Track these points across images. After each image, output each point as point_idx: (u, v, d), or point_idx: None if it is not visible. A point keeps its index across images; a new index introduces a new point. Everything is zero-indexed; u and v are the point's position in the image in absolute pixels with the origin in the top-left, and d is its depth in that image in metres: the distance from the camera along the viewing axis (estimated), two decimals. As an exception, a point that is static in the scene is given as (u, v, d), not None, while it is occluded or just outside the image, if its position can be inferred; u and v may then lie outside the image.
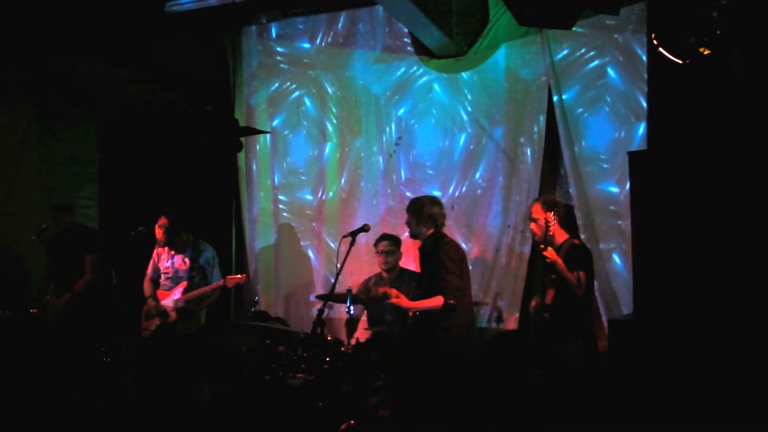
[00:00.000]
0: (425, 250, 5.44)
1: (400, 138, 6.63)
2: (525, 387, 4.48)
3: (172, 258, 6.45)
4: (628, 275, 5.49)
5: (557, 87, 5.93)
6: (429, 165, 6.53)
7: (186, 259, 6.39)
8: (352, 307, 5.57)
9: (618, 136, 5.77)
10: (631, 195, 4.51)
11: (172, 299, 6.30)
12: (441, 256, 5.27)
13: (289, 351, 5.32)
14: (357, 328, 5.89)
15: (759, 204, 3.70)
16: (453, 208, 6.34)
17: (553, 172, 6.15)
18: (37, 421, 5.15)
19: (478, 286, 6.06)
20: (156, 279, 6.53)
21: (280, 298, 7.13)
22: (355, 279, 6.50)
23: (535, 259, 5.62)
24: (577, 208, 5.83)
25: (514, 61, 6.17)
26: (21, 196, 7.34)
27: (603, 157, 5.82)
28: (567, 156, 5.88)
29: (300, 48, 7.08)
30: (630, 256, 5.11)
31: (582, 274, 5.09)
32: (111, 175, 7.91)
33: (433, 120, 6.51)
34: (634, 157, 4.22)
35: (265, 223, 7.24)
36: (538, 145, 6.03)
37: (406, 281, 5.91)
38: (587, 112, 5.88)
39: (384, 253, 6.04)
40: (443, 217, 5.48)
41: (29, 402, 5.32)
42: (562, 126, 5.91)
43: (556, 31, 5.83)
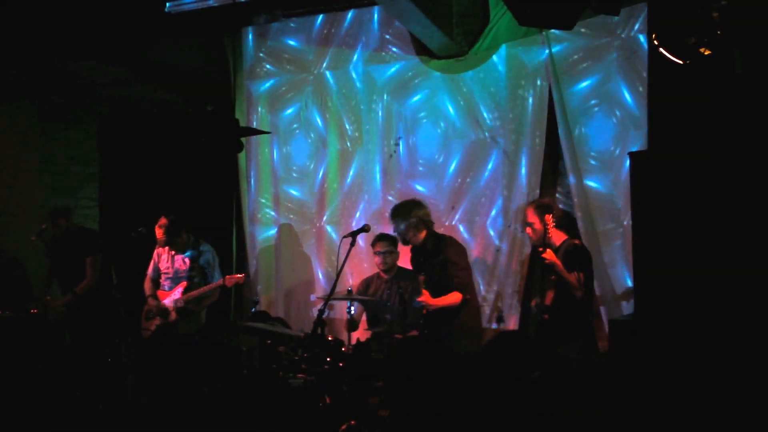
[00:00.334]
0: (426, 251, 5.45)
1: (399, 138, 6.63)
2: (525, 387, 4.48)
3: (172, 258, 6.45)
4: (629, 276, 5.49)
5: (558, 87, 5.92)
6: (429, 165, 6.52)
7: (186, 260, 6.39)
8: (352, 308, 5.57)
9: (618, 136, 5.77)
10: (631, 195, 4.52)
11: (171, 299, 6.31)
12: (450, 254, 5.34)
13: (290, 351, 5.32)
14: (357, 328, 5.89)
15: (759, 204, 3.71)
16: (453, 208, 6.35)
17: (553, 172, 6.15)
18: (37, 421, 5.15)
19: (477, 288, 6.06)
20: (156, 279, 6.53)
21: (281, 298, 7.12)
22: (355, 279, 6.50)
23: (536, 259, 5.62)
24: (577, 208, 5.83)
25: (515, 61, 6.16)
26: (21, 196, 7.33)
27: (603, 157, 5.82)
28: (567, 156, 5.88)
29: (300, 48, 7.07)
30: (630, 256, 5.12)
31: (581, 274, 5.10)
32: (111, 175, 7.90)
33: (433, 120, 6.50)
34: (634, 157, 4.22)
35: (265, 224, 7.24)
36: (539, 145, 6.03)
37: (405, 281, 5.91)
38: (588, 112, 5.88)
39: (382, 254, 6.03)
40: (429, 215, 5.62)
41: (29, 402, 5.32)
42: (562, 126, 5.91)
43: (557, 31, 5.83)
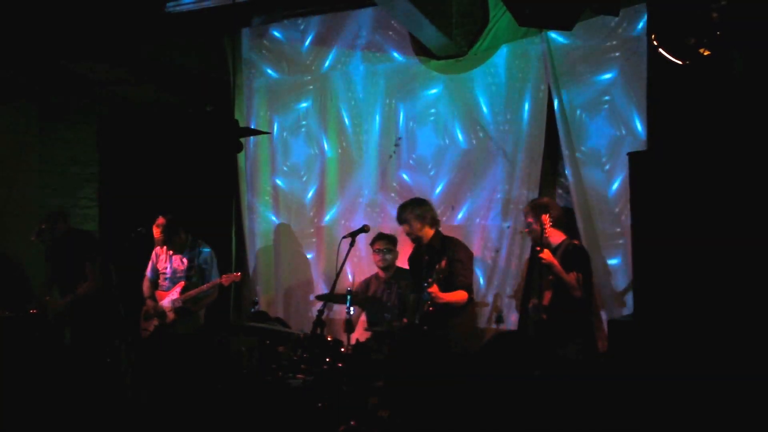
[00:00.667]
0: (433, 249, 5.47)
1: (399, 139, 6.63)
2: (525, 387, 4.48)
3: (171, 258, 6.45)
4: (628, 275, 5.49)
5: (557, 87, 5.91)
6: (429, 166, 6.52)
7: (184, 260, 6.39)
8: (351, 308, 5.57)
9: (618, 136, 5.76)
10: (631, 195, 4.52)
11: (170, 299, 6.31)
12: (457, 253, 5.38)
13: (289, 351, 5.32)
14: (357, 328, 5.89)
15: (759, 204, 3.71)
16: (453, 208, 6.36)
17: (553, 173, 6.15)
18: (37, 421, 5.16)
19: (477, 287, 6.06)
20: (155, 280, 6.53)
21: (280, 299, 7.12)
22: (355, 279, 6.51)
23: (535, 259, 5.62)
24: (576, 209, 5.83)
25: (514, 61, 6.16)
26: (21, 196, 7.33)
27: (603, 158, 5.81)
28: (567, 156, 5.87)
29: (300, 48, 7.07)
30: (630, 256, 5.13)
31: (580, 274, 5.11)
32: (111, 175, 7.91)
33: (433, 120, 6.50)
34: (634, 157, 4.23)
35: (265, 224, 7.24)
36: (538, 146, 6.03)
37: (404, 280, 5.92)
38: (587, 113, 5.87)
39: (381, 252, 6.06)
40: (436, 215, 5.73)
41: (30, 402, 5.33)
42: (562, 126, 5.90)
43: (557, 31, 5.83)
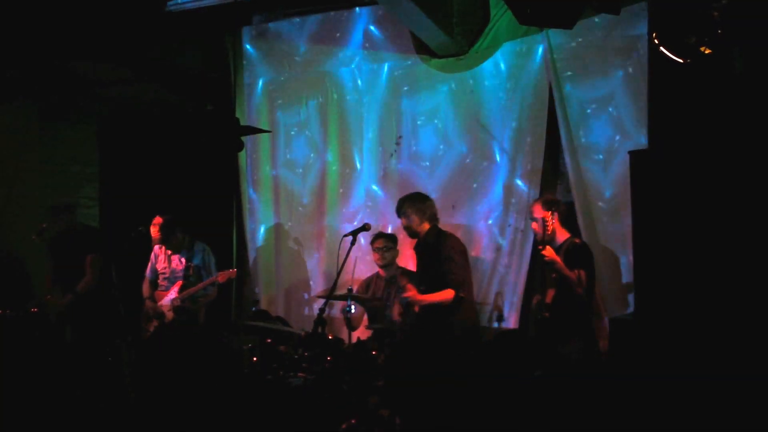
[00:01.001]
0: (427, 245, 5.45)
1: (400, 137, 6.63)
2: (526, 386, 4.48)
3: (169, 258, 6.46)
4: (629, 275, 5.49)
5: (558, 86, 5.91)
6: (430, 164, 6.52)
7: (182, 259, 6.39)
8: (352, 307, 5.57)
9: (619, 135, 5.76)
10: (631, 193, 4.53)
11: (168, 299, 6.31)
12: (448, 250, 5.33)
13: (290, 350, 5.32)
14: (357, 327, 5.89)
15: (759, 203, 3.71)
16: (453, 207, 6.35)
17: (554, 172, 6.15)
18: (37, 421, 5.15)
19: (478, 286, 6.06)
20: (154, 280, 6.54)
21: (281, 297, 7.12)
22: (355, 278, 6.50)
23: (537, 258, 5.62)
24: (577, 208, 5.83)
25: (515, 60, 6.16)
26: (21, 196, 7.33)
27: (604, 157, 5.81)
28: (568, 155, 5.88)
29: (300, 47, 7.07)
30: (631, 256, 5.13)
31: (582, 272, 5.10)
32: (111, 175, 7.90)
33: (434, 119, 6.50)
34: (634, 156, 4.23)
35: (265, 223, 7.24)
36: (539, 145, 6.03)
37: (404, 279, 5.92)
38: (588, 112, 5.87)
39: (380, 250, 6.06)
40: (436, 211, 5.66)
41: (30, 402, 5.32)
42: (563, 125, 5.90)
43: (557, 30, 5.83)
